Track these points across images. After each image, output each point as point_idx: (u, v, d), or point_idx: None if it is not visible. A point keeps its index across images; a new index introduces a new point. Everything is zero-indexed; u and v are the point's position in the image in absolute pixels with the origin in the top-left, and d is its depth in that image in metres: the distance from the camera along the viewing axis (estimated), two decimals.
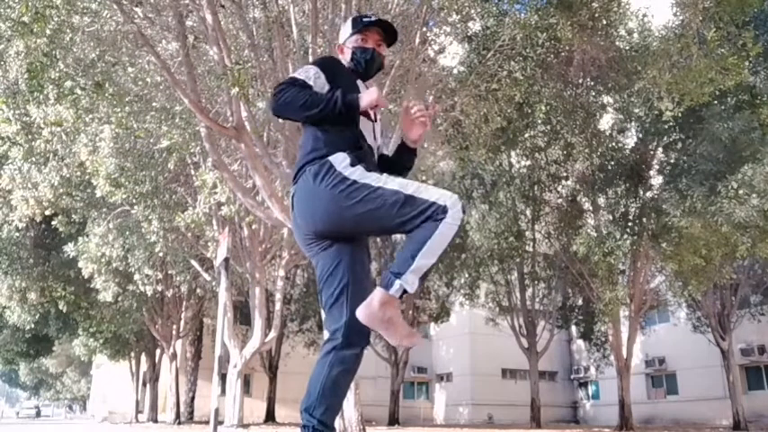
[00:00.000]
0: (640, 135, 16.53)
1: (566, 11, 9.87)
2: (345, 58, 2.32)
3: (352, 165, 1.99)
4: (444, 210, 1.86)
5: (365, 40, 2.28)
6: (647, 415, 25.91)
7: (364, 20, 2.30)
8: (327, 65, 2.23)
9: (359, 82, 2.28)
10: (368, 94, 2.06)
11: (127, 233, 13.96)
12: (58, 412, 70.80)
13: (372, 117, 2.19)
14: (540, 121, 14.64)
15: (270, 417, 22.84)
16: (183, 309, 21.82)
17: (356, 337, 2.00)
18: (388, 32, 2.32)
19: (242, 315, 19.08)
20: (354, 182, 1.95)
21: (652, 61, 11.22)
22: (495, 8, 10.57)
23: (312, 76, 2.15)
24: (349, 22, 2.37)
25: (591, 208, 17.69)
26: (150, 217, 12.59)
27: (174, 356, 21.81)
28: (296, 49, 8.92)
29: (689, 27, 10.58)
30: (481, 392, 29.19)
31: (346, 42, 2.32)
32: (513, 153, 18.27)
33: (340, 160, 2.00)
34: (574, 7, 9.99)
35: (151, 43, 8.37)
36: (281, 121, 8.83)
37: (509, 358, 26.39)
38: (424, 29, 9.85)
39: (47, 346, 28.70)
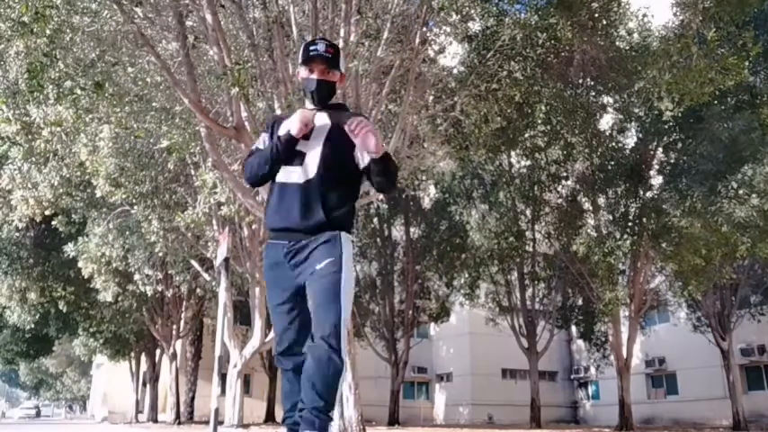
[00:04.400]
0: (640, 135, 16.53)
1: (566, 11, 9.87)
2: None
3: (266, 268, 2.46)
4: None
5: (311, 70, 2.46)
6: (647, 415, 25.91)
7: (310, 50, 2.46)
8: (272, 124, 2.53)
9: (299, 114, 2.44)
10: (294, 121, 2.37)
11: (127, 233, 13.96)
12: (58, 412, 70.79)
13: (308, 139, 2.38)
14: (540, 121, 14.64)
15: (270, 417, 22.85)
16: (183, 309, 21.81)
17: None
18: (332, 59, 2.47)
19: (242, 315, 19.06)
20: None
21: (652, 61, 11.23)
22: (495, 8, 10.56)
23: (264, 140, 2.51)
24: (300, 51, 2.54)
25: (591, 208, 17.68)
26: (150, 217, 12.59)
27: (174, 356, 21.80)
28: (296, 49, 8.91)
29: (689, 27, 10.60)
30: (481, 392, 29.19)
31: (300, 72, 2.53)
32: (513, 153, 18.26)
33: (265, 255, 2.48)
34: (574, 7, 10.00)
35: (151, 43, 8.37)
36: None
37: (509, 358, 26.37)
38: (424, 29, 9.85)
39: (47, 346, 28.67)
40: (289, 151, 2.37)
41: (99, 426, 24.86)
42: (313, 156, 2.37)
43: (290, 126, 2.37)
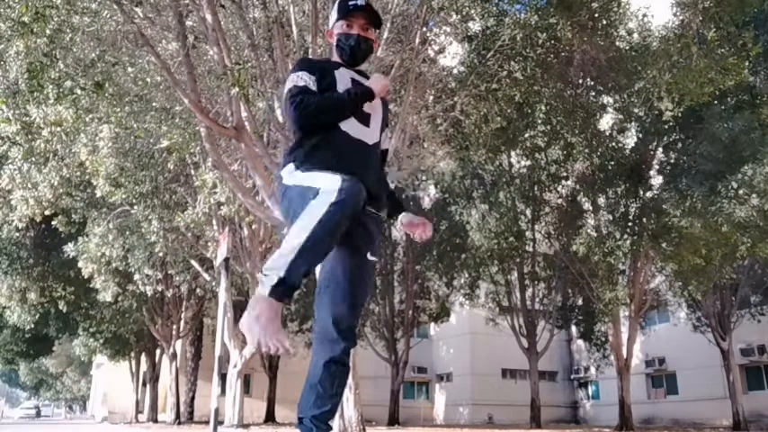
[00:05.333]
0: (640, 135, 16.52)
1: (566, 11, 9.87)
2: (333, 44, 2.34)
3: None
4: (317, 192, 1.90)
5: (350, 26, 2.26)
6: (647, 415, 25.91)
7: (349, 4, 2.26)
8: (313, 68, 2.22)
9: (344, 70, 2.27)
10: (376, 82, 2.17)
11: (127, 233, 13.96)
12: (58, 412, 70.80)
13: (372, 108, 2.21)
14: (540, 121, 14.64)
15: (270, 417, 22.85)
16: (183, 309, 21.82)
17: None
18: (373, 14, 2.30)
19: (242, 315, 19.05)
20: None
21: (652, 61, 11.23)
22: (495, 8, 10.56)
23: (310, 81, 2.16)
24: (335, 6, 2.35)
25: (591, 208, 17.68)
26: (150, 217, 12.60)
27: (174, 356, 21.81)
28: (296, 49, 8.92)
29: (689, 27, 10.60)
30: (481, 392, 29.19)
31: (333, 28, 2.32)
32: (513, 153, 18.26)
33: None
34: (574, 7, 9.99)
35: (151, 43, 8.37)
36: (281, 120, 8.83)
37: (509, 358, 26.38)
38: (424, 29, 9.85)
39: (47, 346, 28.71)
40: (356, 108, 2.14)
41: (99, 426, 24.86)
42: (376, 120, 2.22)
43: (374, 85, 2.16)
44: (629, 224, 15.78)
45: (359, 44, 2.25)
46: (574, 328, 26.65)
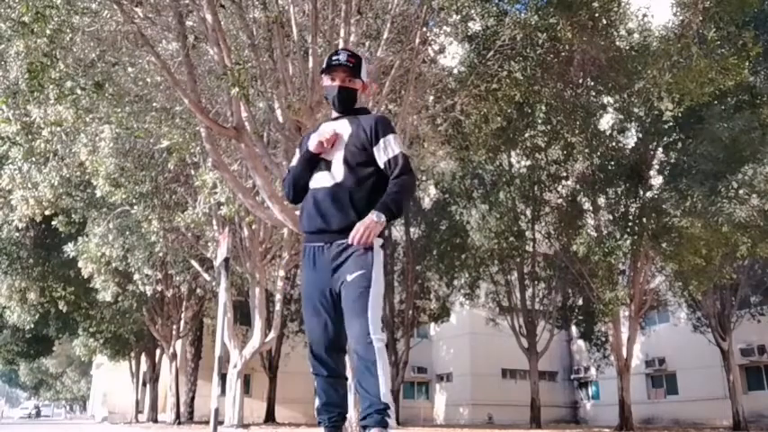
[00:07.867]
0: (640, 135, 16.52)
1: (566, 11, 9.87)
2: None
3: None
4: None
5: (333, 78, 2.59)
6: (647, 415, 25.90)
7: (332, 59, 2.59)
8: (303, 141, 2.66)
9: (324, 126, 2.62)
10: (315, 137, 2.53)
11: (127, 233, 13.95)
12: (58, 412, 70.83)
13: (328, 157, 2.53)
14: (540, 121, 14.65)
15: (270, 417, 22.83)
16: (183, 309, 21.80)
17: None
18: (354, 67, 2.57)
19: (242, 315, 19.06)
20: None
21: (652, 61, 11.24)
22: (495, 8, 10.56)
23: (297, 157, 2.68)
24: (324, 62, 2.68)
25: (591, 208, 17.67)
26: (150, 217, 12.59)
27: (174, 356, 21.80)
28: (296, 49, 8.91)
29: (689, 27, 10.62)
30: (481, 392, 29.19)
31: (323, 80, 2.66)
32: (513, 153, 18.26)
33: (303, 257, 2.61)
34: (574, 7, 10.00)
35: (151, 43, 8.36)
36: (281, 120, 8.84)
37: (509, 358, 26.37)
38: (424, 29, 9.85)
39: (47, 346, 28.68)
40: (311, 164, 2.53)
41: (99, 426, 24.86)
42: (337, 161, 2.49)
43: (310, 142, 2.53)
44: (629, 224, 15.77)
45: (339, 95, 2.57)
46: (574, 328, 26.65)
